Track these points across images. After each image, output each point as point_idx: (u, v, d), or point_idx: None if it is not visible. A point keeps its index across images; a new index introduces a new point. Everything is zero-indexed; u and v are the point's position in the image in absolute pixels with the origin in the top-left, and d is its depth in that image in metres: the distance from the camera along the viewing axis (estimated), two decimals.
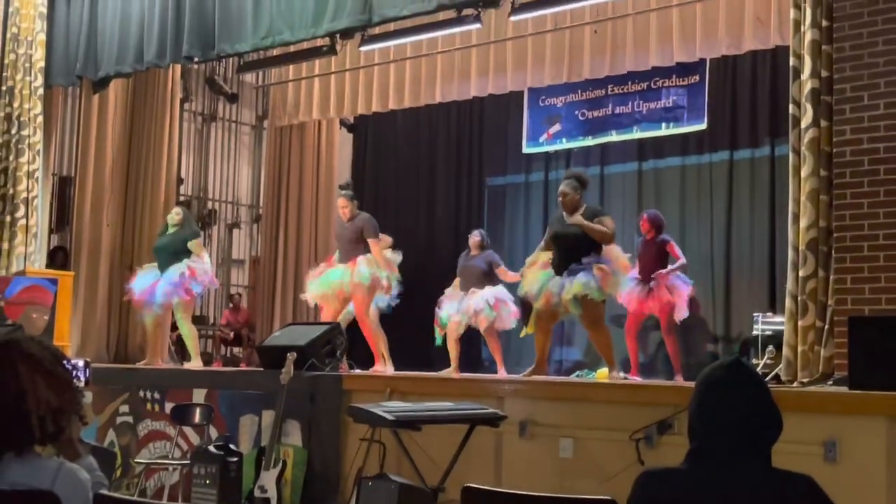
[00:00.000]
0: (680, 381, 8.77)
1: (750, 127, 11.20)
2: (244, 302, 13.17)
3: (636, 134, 11.72)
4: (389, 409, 5.77)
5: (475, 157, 13.53)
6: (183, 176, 13.11)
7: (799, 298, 6.32)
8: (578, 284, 7.47)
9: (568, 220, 7.78)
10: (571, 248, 7.71)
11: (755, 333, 9.34)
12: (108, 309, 11.64)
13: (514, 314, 9.36)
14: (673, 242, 9.41)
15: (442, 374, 9.01)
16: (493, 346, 9.65)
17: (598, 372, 8.65)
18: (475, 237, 9.99)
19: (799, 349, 6.29)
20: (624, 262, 7.90)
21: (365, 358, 9.01)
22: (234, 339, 12.52)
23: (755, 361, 7.86)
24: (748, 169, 11.23)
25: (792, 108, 6.56)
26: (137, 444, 8.25)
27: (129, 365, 10.60)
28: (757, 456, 2.58)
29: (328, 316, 8.81)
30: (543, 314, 7.86)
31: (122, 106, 11.96)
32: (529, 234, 12.62)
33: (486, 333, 9.61)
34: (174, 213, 9.93)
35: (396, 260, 9.00)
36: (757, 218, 11.02)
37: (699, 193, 11.58)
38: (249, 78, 13.55)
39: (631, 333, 9.33)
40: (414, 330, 10.59)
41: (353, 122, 14.11)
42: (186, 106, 13.17)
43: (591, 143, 12.12)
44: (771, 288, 10.49)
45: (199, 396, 7.92)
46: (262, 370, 8.03)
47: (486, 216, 13.28)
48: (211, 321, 13.30)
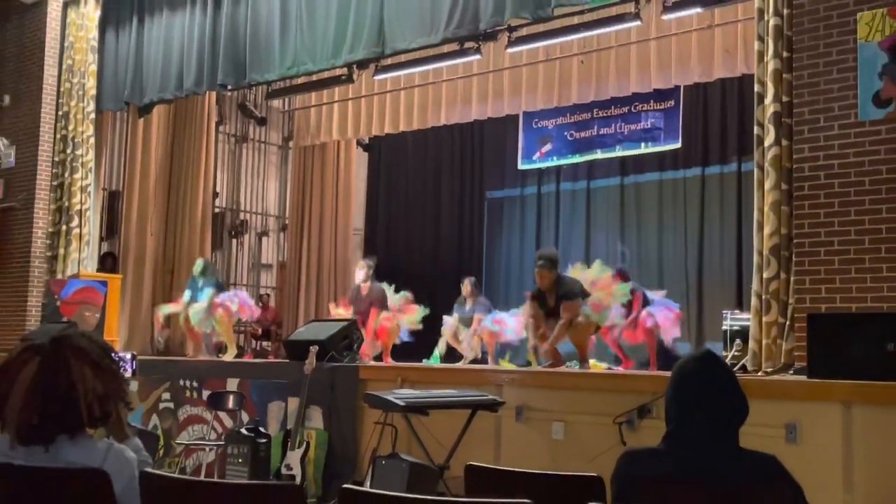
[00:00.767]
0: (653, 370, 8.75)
1: (720, 146, 11.19)
2: (272, 301, 13.14)
3: (618, 152, 11.72)
4: (400, 395, 5.77)
5: (476, 172, 13.55)
6: (218, 190, 13.11)
7: (763, 297, 6.31)
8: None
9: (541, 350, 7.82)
10: (553, 310, 7.78)
11: (724, 328, 9.30)
12: (151, 308, 11.64)
13: (516, 331, 9.30)
14: (639, 295, 8.82)
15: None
16: (487, 342, 9.67)
17: (590, 363, 8.58)
18: (466, 285, 10.05)
19: (763, 342, 6.27)
20: (607, 295, 8.01)
21: None
22: (263, 334, 12.50)
23: (724, 353, 7.84)
24: (718, 183, 11.21)
25: (756, 129, 6.55)
26: (178, 427, 8.24)
27: (170, 357, 10.60)
28: (726, 437, 2.57)
29: None
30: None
31: (164, 128, 12.01)
32: (524, 239, 12.68)
33: (485, 335, 9.65)
34: (196, 265, 10.09)
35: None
36: (726, 226, 11.01)
37: (675, 205, 11.57)
38: (277, 103, 13.55)
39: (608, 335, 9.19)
40: (421, 328, 10.58)
41: (368, 142, 14.11)
42: (221, 128, 13.17)
43: (578, 160, 12.11)
44: (738, 288, 10.46)
45: (232, 385, 7.92)
46: (287, 362, 8.03)
47: (486, 225, 13.30)
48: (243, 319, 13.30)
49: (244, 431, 6.96)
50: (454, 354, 9.94)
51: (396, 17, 8.38)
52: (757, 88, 6.57)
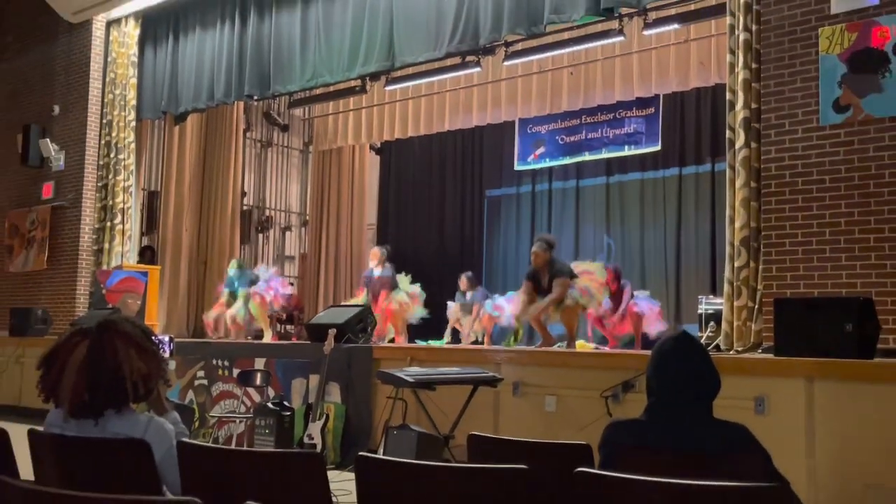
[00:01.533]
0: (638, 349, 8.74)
1: (695, 148, 11.17)
2: (295, 289, 13.17)
3: (604, 154, 11.69)
4: (410, 373, 5.77)
5: (476, 173, 13.53)
6: (245, 190, 13.10)
7: (734, 284, 6.31)
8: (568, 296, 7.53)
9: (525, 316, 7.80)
10: (546, 291, 7.71)
11: (699, 312, 9.30)
12: (187, 295, 11.70)
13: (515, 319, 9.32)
14: (628, 289, 8.84)
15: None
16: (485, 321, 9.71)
17: (577, 343, 8.57)
18: (463, 280, 10.03)
19: (734, 324, 6.27)
20: (596, 286, 7.92)
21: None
22: (287, 318, 12.51)
23: (700, 334, 7.84)
24: (694, 182, 11.19)
25: (728, 133, 6.54)
26: (211, 401, 8.25)
27: (204, 339, 10.61)
28: (701, 409, 2.58)
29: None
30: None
31: (197, 135, 12.02)
32: (520, 233, 12.66)
33: (484, 323, 9.68)
34: (230, 266, 10.09)
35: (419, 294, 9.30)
36: (701, 220, 10.99)
37: (655, 202, 11.55)
38: (298, 112, 13.56)
39: (598, 322, 9.12)
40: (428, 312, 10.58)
41: (380, 146, 14.10)
42: (248, 134, 13.17)
43: (568, 161, 12.09)
44: (712, 275, 10.45)
45: (259, 364, 7.92)
46: (309, 343, 8.02)
47: (485, 220, 13.29)
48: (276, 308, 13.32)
49: (270, 405, 6.96)
50: (458, 337, 9.96)
51: (405, 33, 8.38)
52: (728, 96, 6.55)
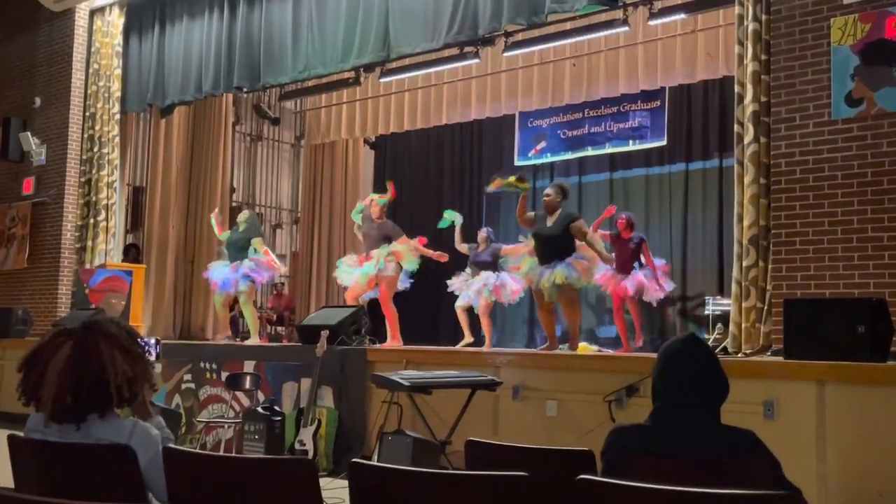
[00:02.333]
0: (640, 344, 8.78)
1: (702, 143, 11.17)
2: (286, 289, 13.17)
3: (608, 149, 11.69)
4: (405, 376, 5.77)
5: (475, 168, 13.51)
6: (235, 185, 13.10)
7: (743, 284, 6.31)
8: (561, 275, 7.36)
9: (581, 240, 7.61)
10: (549, 244, 7.59)
11: (707, 313, 9.32)
12: (174, 295, 11.68)
13: (515, 292, 9.28)
14: (647, 243, 9.04)
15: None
16: (484, 323, 9.61)
17: (580, 345, 8.59)
18: (482, 233, 9.97)
19: (743, 326, 6.28)
20: (594, 257, 7.78)
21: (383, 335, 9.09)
22: (277, 319, 12.52)
23: (707, 336, 7.84)
24: (701, 178, 11.19)
25: (737, 127, 6.54)
26: (199, 406, 8.25)
27: (191, 341, 10.61)
28: (709, 414, 2.58)
29: (351, 298, 8.75)
30: (539, 299, 7.77)
31: (184, 128, 12.00)
32: (520, 230, 12.57)
33: (481, 313, 9.56)
34: (242, 214, 9.82)
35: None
36: (708, 218, 11.00)
37: (660, 198, 11.56)
38: (289, 104, 13.55)
39: (618, 316, 9.12)
40: (423, 312, 10.59)
41: (374, 140, 14.10)
42: (237, 128, 13.16)
43: (570, 157, 12.09)
44: (720, 275, 10.46)
45: (249, 367, 7.92)
46: (300, 345, 8.02)
47: (484, 217, 13.26)
48: (259, 305, 13.30)
49: (260, 410, 6.97)
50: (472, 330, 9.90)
51: (401, 23, 8.38)
52: (737, 89, 6.56)
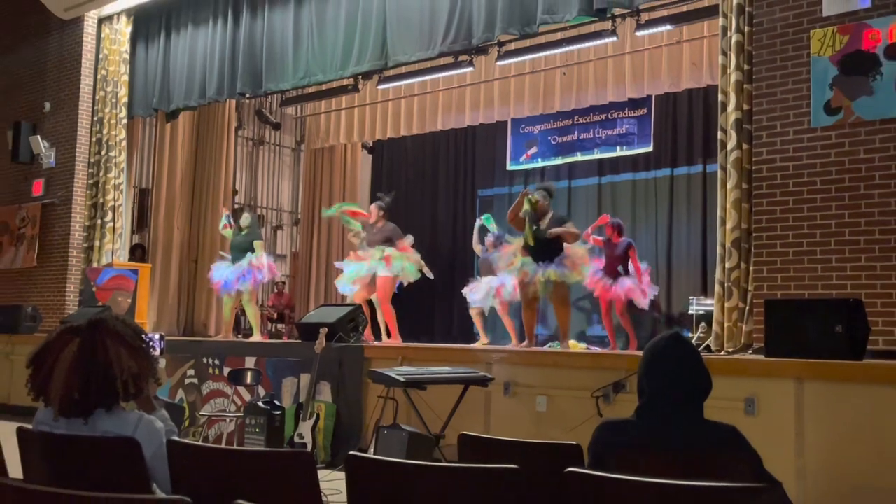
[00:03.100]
0: (634, 348, 8.72)
1: (687, 149, 11.18)
2: (286, 288, 13.15)
3: (596, 155, 11.72)
4: (401, 372, 5.77)
5: (469, 173, 13.52)
6: (237, 188, 13.08)
7: (725, 285, 6.33)
8: (554, 272, 7.44)
9: (546, 233, 7.64)
10: (541, 248, 7.63)
11: (690, 312, 9.32)
12: (178, 293, 11.66)
13: (516, 289, 9.17)
14: (634, 249, 8.93)
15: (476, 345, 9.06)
16: (506, 323, 9.56)
17: (569, 343, 8.59)
18: (489, 238, 9.90)
19: (725, 325, 6.29)
20: (583, 255, 7.80)
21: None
22: (278, 317, 12.49)
23: (690, 335, 7.85)
24: (685, 183, 11.21)
25: (720, 134, 6.56)
26: (202, 400, 8.24)
27: (194, 337, 10.59)
28: (692, 410, 2.58)
29: (359, 299, 8.74)
30: (525, 296, 7.80)
31: (189, 132, 11.98)
32: (512, 233, 12.55)
33: (500, 313, 9.50)
34: (244, 218, 9.81)
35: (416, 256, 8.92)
36: (692, 221, 11.01)
37: (647, 202, 11.57)
38: (290, 110, 13.54)
39: (606, 317, 9.07)
40: (420, 310, 10.58)
41: (372, 145, 14.08)
42: (240, 132, 13.14)
43: (560, 162, 12.10)
44: (703, 276, 10.48)
45: (250, 363, 7.91)
46: (300, 342, 8.01)
47: (477, 220, 13.26)
48: (260, 303, 13.29)
49: (261, 404, 6.95)
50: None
51: (398, 33, 8.38)
52: (720, 97, 6.57)
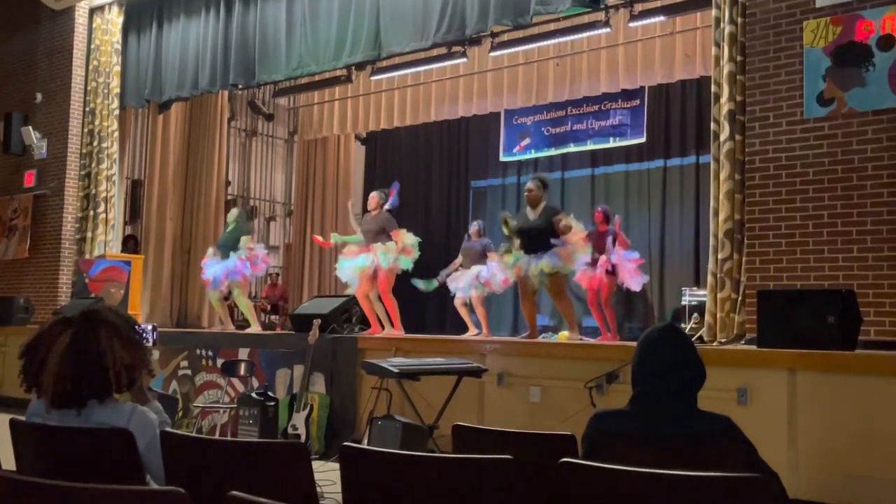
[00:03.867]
0: (616, 340, 8.66)
1: (680, 140, 11.21)
2: (280, 279, 13.14)
3: (590, 146, 11.73)
4: (395, 363, 5.76)
5: (462, 164, 13.52)
6: (230, 179, 13.06)
7: (718, 276, 6.34)
8: (547, 264, 7.40)
9: (534, 218, 7.65)
10: (533, 238, 7.60)
11: (683, 303, 9.34)
12: (170, 285, 11.64)
13: (505, 282, 9.23)
14: (622, 233, 8.91)
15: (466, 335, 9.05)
16: (479, 312, 9.60)
17: (559, 334, 8.61)
18: (474, 227, 9.93)
19: (718, 315, 6.30)
20: (577, 242, 7.63)
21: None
22: (271, 308, 12.49)
23: (683, 325, 7.86)
24: (678, 174, 11.24)
25: (713, 125, 6.55)
26: (195, 391, 8.23)
27: (187, 329, 10.57)
28: (686, 400, 2.58)
29: (360, 293, 8.66)
30: (523, 289, 7.78)
31: (181, 123, 11.95)
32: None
33: (475, 302, 9.54)
34: (231, 213, 9.80)
35: (414, 242, 8.87)
36: (685, 212, 11.04)
37: (640, 193, 11.59)
38: (283, 101, 13.50)
39: (593, 305, 9.09)
40: (413, 301, 10.57)
41: (365, 136, 14.08)
42: (233, 124, 13.11)
43: (554, 153, 12.11)
44: (696, 267, 10.51)
45: (243, 354, 7.91)
46: (293, 333, 8.01)
47: (471, 211, 13.27)
48: (253, 295, 13.28)
49: (254, 395, 6.95)
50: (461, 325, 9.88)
51: (391, 23, 8.35)
52: (713, 89, 6.57)
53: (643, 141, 11.20)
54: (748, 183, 6.19)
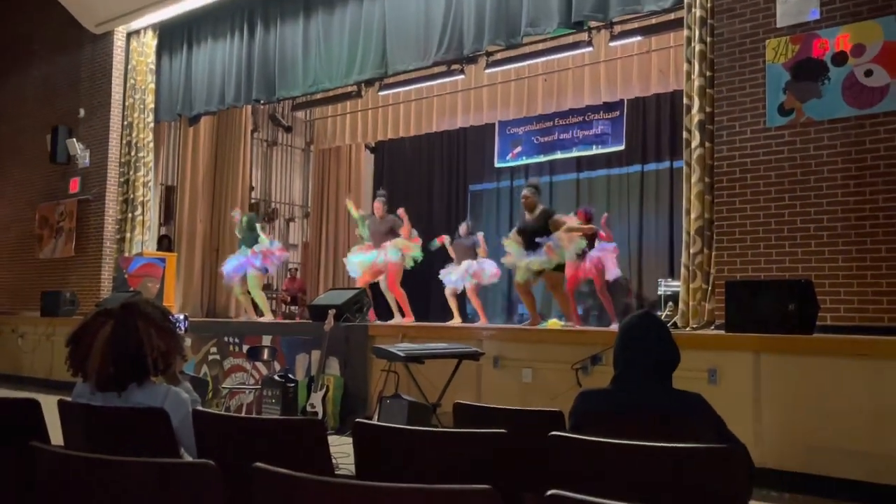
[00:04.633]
0: (615, 326, 8.63)
1: (655, 147, 11.19)
2: (299, 274, 13.14)
3: (575, 153, 11.70)
4: (402, 348, 5.77)
5: (461, 170, 13.51)
6: (253, 185, 13.05)
7: (690, 268, 6.34)
8: (536, 262, 7.45)
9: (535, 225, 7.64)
10: (531, 237, 7.63)
11: (659, 293, 9.32)
12: (201, 279, 11.65)
13: (494, 275, 9.22)
14: (601, 231, 8.89)
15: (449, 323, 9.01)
16: (475, 303, 9.59)
17: (549, 321, 8.61)
18: (463, 226, 9.95)
19: (690, 304, 6.30)
20: (562, 237, 7.61)
21: (387, 313, 9.14)
22: (291, 300, 12.49)
23: (659, 313, 7.86)
24: (654, 178, 11.22)
25: (685, 133, 6.55)
26: (223, 374, 8.24)
27: (216, 318, 10.56)
28: (662, 380, 2.58)
29: (362, 283, 8.78)
30: (517, 281, 7.79)
31: (209, 135, 11.94)
32: (499, 223, 12.63)
33: (470, 293, 9.53)
34: (241, 219, 9.93)
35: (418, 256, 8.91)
36: (660, 212, 11.02)
37: (620, 195, 11.57)
38: (300, 114, 13.48)
39: (570, 294, 9.09)
40: (417, 294, 10.55)
41: (374, 145, 14.05)
42: (255, 135, 13.10)
43: (543, 159, 12.09)
44: (670, 261, 10.49)
45: (266, 341, 7.91)
46: (311, 322, 8.01)
47: (468, 212, 13.26)
48: (275, 288, 13.28)
49: (276, 377, 6.96)
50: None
51: (396, 44, 8.36)
52: (685, 101, 6.57)
53: (622, 148, 11.18)
54: (717, 185, 6.19)
